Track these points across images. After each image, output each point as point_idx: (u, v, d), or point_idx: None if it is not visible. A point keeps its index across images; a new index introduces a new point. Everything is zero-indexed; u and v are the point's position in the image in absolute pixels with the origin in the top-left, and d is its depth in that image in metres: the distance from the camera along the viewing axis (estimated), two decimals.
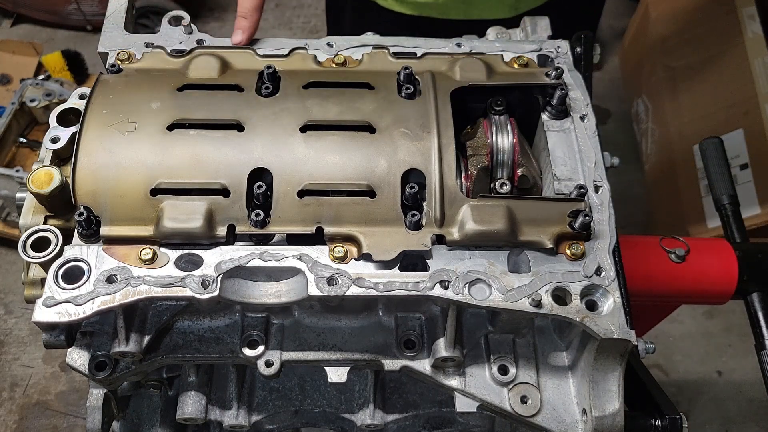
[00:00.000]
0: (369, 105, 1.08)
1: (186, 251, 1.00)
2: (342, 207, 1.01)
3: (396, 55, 1.19)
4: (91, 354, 1.07)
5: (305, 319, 1.12)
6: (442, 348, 1.06)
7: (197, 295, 0.96)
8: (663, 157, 3.36)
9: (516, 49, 1.22)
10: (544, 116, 1.15)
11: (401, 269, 0.99)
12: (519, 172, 1.11)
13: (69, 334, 1.01)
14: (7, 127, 3.11)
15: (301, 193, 1.01)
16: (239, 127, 1.04)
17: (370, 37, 1.23)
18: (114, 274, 0.97)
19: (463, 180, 1.10)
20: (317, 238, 1.01)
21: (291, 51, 1.19)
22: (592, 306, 0.98)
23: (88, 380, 1.12)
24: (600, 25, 4.22)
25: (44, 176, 1.02)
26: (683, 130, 3.21)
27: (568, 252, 1.02)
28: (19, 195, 1.11)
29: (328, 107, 1.07)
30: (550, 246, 1.01)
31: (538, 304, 0.97)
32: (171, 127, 1.04)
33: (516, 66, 1.19)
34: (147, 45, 1.18)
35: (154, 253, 0.99)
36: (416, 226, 1.01)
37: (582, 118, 1.14)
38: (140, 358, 1.04)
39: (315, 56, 1.18)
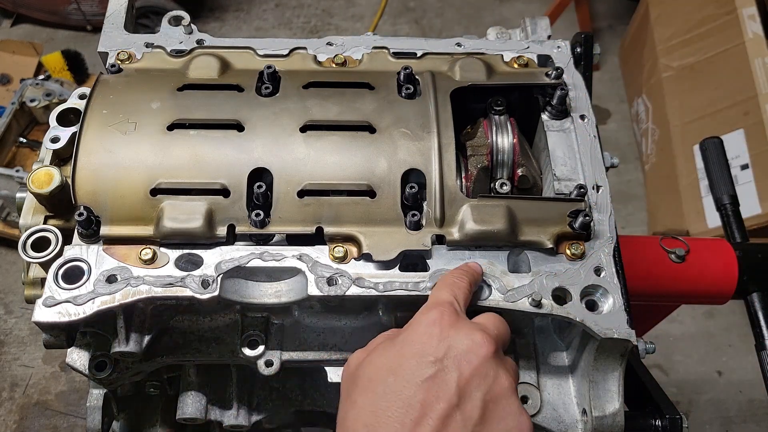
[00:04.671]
0: (369, 105, 1.08)
1: (186, 251, 0.99)
2: (342, 207, 1.01)
3: (396, 55, 1.19)
4: (91, 354, 1.07)
5: (305, 319, 1.12)
6: None
7: (197, 295, 0.96)
8: (663, 157, 3.36)
9: (516, 49, 1.22)
10: (544, 116, 1.15)
11: (401, 269, 0.99)
12: (519, 172, 1.11)
13: (69, 334, 1.01)
14: (7, 127, 3.11)
15: (301, 193, 1.01)
16: (239, 127, 1.04)
17: (370, 37, 1.22)
18: (114, 274, 0.97)
19: (463, 180, 1.10)
20: (317, 238, 1.01)
21: (291, 51, 1.19)
22: (592, 306, 0.98)
23: (88, 380, 1.12)
24: (600, 25, 4.23)
25: (44, 176, 1.02)
26: (683, 130, 3.21)
27: (568, 252, 1.02)
28: (19, 195, 1.11)
29: (328, 107, 1.07)
30: (550, 246, 1.01)
31: (538, 304, 0.97)
32: (171, 127, 1.04)
33: (516, 66, 1.19)
34: (147, 45, 1.18)
35: (154, 253, 0.99)
36: (416, 226, 1.01)
37: (582, 118, 1.14)
38: (140, 358, 1.04)
39: (315, 56, 1.18)
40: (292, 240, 1.04)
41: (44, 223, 1.05)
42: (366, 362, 0.83)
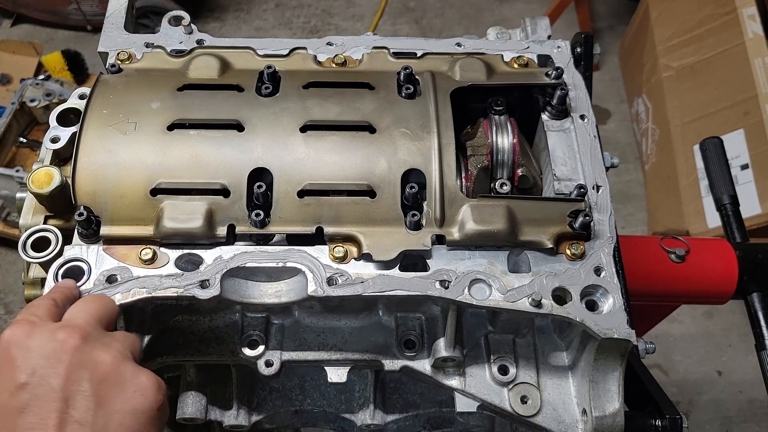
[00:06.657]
0: (369, 105, 1.08)
1: (186, 251, 1.00)
2: (342, 207, 1.01)
3: (396, 55, 1.19)
4: None
5: (305, 319, 1.12)
6: (442, 348, 1.05)
7: (197, 295, 0.96)
8: (663, 157, 3.36)
9: (516, 49, 1.22)
10: (544, 116, 1.15)
11: (401, 269, 0.99)
12: (519, 172, 1.11)
13: None
14: (7, 127, 3.11)
15: (301, 193, 1.01)
16: (239, 127, 1.04)
17: (370, 37, 1.23)
18: (114, 274, 0.97)
19: (463, 180, 1.10)
20: (317, 238, 1.01)
21: (291, 51, 1.19)
22: (592, 306, 0.98)
23: None
24: (600, 25, 4.23)
25: (44, 176, 1.02)
26: (683, 130, 3.21)
27: (568, 252, 1.02)
28: (19, 195, 1.11)
29: (328, 107, 1.07)
30: (550, 246, 1.01)
31: (538, 304, 0.97)
32: (171, 127, 1.04)
33: (516, 66, 1.19)
34: (147, 45, 1.18)
35: (154, 253, 0.99)
36: (416, 226, 1.01)
37: (582, 118, 1.14)
38: (140, 358, 1.04)
39: (315, 56, 1.18)
40: (292, 240, 1.04)
41: (44, 223, 1.05)
42: None
